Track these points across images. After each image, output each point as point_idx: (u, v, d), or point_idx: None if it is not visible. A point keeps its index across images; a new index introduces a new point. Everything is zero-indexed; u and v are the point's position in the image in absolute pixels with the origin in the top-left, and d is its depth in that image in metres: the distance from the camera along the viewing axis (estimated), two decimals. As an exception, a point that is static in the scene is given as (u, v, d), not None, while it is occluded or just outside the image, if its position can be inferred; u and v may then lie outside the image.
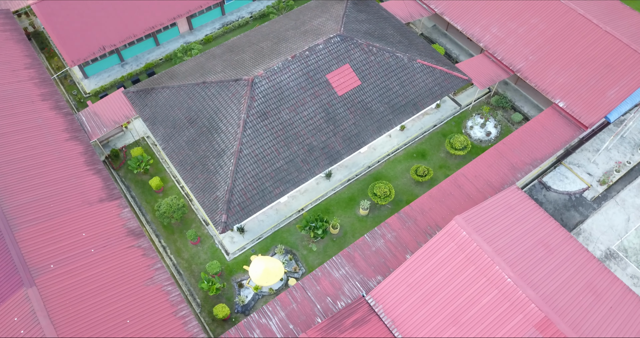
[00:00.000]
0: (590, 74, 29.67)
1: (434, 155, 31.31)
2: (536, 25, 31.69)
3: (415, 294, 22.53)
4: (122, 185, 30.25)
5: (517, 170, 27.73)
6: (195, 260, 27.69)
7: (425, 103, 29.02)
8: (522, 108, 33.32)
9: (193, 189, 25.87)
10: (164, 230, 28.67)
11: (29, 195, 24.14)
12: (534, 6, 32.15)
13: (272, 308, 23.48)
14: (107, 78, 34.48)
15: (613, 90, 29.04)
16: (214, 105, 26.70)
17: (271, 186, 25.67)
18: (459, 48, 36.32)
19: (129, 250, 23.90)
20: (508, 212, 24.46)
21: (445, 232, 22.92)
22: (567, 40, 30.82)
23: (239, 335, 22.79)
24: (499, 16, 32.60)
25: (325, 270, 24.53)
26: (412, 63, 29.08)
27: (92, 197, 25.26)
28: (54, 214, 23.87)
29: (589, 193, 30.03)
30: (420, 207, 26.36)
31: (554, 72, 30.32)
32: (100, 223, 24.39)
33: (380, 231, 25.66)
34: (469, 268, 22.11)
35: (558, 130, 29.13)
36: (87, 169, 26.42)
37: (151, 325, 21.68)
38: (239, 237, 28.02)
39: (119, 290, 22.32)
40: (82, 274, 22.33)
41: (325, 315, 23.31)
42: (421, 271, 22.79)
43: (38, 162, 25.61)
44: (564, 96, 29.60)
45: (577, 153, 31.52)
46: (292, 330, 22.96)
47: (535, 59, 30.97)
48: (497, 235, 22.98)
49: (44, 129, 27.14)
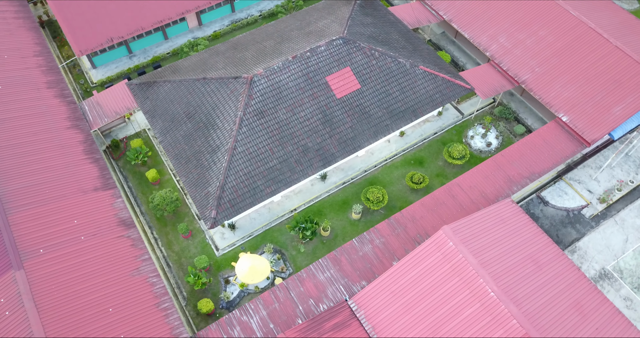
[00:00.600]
0: (597, 89, 29.08)
1: (431, 163, 31.05)
2: (544, 37, 31.19)
3: (397, 302, 22.38)
4: (120, 175, 30.70)
5: (514, 183, 27.33)
6: (185, 253, 27.94)
7: (424, 110, 28.80)
8: (525, 120, 32.82)
9: (186, 183, 26.12)
10: (157, 222, 29.00)
11: (26, 180, 24.67)
12: (544, 18, 31.64)
13: (254, 307, 23.56)
14: (115, 69, 35.03)
15: (619, 107, 28.40)
16: (213, 101, 26.91)
17: (263, 185, 25.76)
18: (467, 56, 35.95)
19: (118, 240, 24.24)
20: (499, 225, 24.13)
21: (432, 241, 22.71)
22: (575, 54, 30.26)
23: (219, 331, 22.92)
24: (508, 26, 32.18)
25: (310, 272, 24.52)
26: (414, 69, 28.88)
27: (87, 186, 25.69)
28: (48, 200, 24.35)
29: (587, 210, 29.44)
30: (412, 215, 26.17)
31: (560, 86, 29.80)
32: (93, 211, 24.79)
33: (369, 236, 25.55)
34: (453, 279, 21.87)
35: (559, 145, 28.62)
36: (85, 157, 26.88)
37: (133, 315, 21.95)
38: (229, 234, 28.19)
39: (105, 279, 22.66)
40: (70, 260, 22.73)
41: (306, 317, 23.30)
42: (405, 279, 22.62)
43: (37, 148, 26.15)
44: (568, 110, 29.07)
45: (578, 169, 30.92)
46: (272, 329, 23.01)
47: (542, 71, 30.48)
48: (484, 247, 22.68)
49: (47, 116, 27.70)
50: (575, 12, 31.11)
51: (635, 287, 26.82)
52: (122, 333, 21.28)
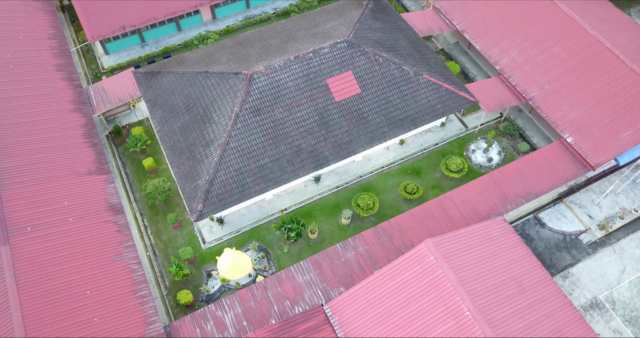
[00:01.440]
0: (607, 112, 28.07)
1: (429, 174, 30.53)
2: (558, 54, 30.28)
3: (372, 312, 22.06)
4: (119, 161, 31.22)
5: (509, 201, 26.62)
6: (172, 243, 28.21)
7: (424, 120, 28.32)
8: (531, 138, 31.93)
9: (177, 174, 26.37)
10: (149, 210, 29.37)
11: (23, 159, 25.31)
12: (559, 34, 30.72)
13: (230, 303, 23.60)
14: (126, 56, 35.66)
15: (628, 132, 27.34)
16: (211, 95, 27.09)
17: (252, 182, 25.79)
18: (478, 68, 35.23)
19: (105, 225, 24.65)
20: (485, 243, 23.53)
21: (413, 253, 22.29)
22: (588, 74, 29.28)
23: (192, 323, 23.05)
24: (521, 41, 31.37)
25: (290, 274, 24.42)
26: (417, 77, 28.44)
27: (81, 169, 26.21)
28: (42, 180, 24.93)
29: (585, 236, 28.45)
30: (399, 225, 25.78)
31: (568, 105, 28.88)
32: (84, 194, 25.27)
33: (353, 243, 25.29)
34: (430, 294, 21.42)
35: (561, 166, 27.73)
36: (84, 141, 27.42)
37: (109, 299, 22.27)
38: (217, 228, 28.33)
39: (87, 261, 23.06)
40: (55, 240, 23.21)
41: (280, 318, 23.22)
42: (382, 289, 22.27)
43: (38, 129, 26.81)
44: (574, 132, 28.15)
45: (581, 193, 29.92)
46: (245, 327, 23.01)
47: (551, 89, 29.60)
48: (466, 264, 22.13)
49: (52, 98, 28.38)
50: (593, 30, 30.10)
51: (627, 319, 25.78)
52: (96, 317, 21.60)
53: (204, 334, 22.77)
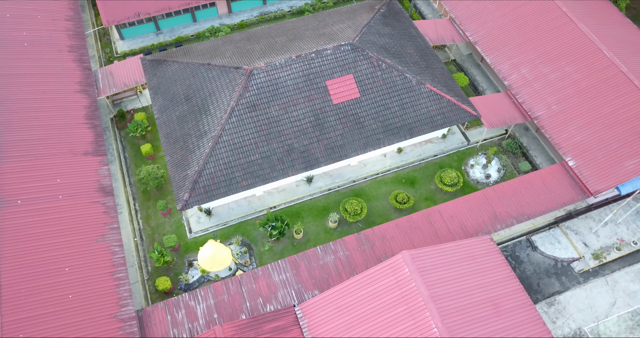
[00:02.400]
0: (614, 138, 26.99)
1: (423, 185, 30.03)
2: (570, 74, 29.29)
3: (341, 318, 21.85)
4: (120, 144, 31.88)
5: (499, 220, 25.92)
6: (159, 230, 28.63)
7: (422, 130, 27.86)
8: (534, 158, 31.01)
9: (169, 162, 26.73)
10: (142, 195, 29.89)
11: (24, 134, 26.12)
12: (574, 54, 29.70)
13: (204, 294, 23.78)
14: (140, 43, 36.38)
15: (634, 161, 26.21)
16: (210, 88, 27.34)
17: (240, 177, 25.91)
18: (489, 82, 34.44)
19: (93, 205, 25.20)
20: (467, 261, 22.97)
21: (388, 264, 21.96)
22: (599, 97, 28.22)
23: (165, 310, 23.33)
24: (534, 57, 30.48)
25: (266, 271, 24.43)
26: (419, 86, 28.00)
27: (78, 149, 26.87)
28: (38, 156, 25.68)
29: (578, 264, 27.45)
30: (383, 233, 25.46)
31: (575, 128, 27.90)
32: (77, 174, 25.90)
33: (334, 247, 25.11)
34: (400, 307, 21.06)
35: (559, 190, 26.83)
36: (85, 122, 28.11)
37: (86, 278, 22.76)
38: (205, 219, 28.59)
39: (70, 239, 23.63)
40: (43, 216, 23.87)
41: (251, 314, 23.26)
42: (354, 297, 22.03)
43: (43, 106, 27.62)
44: (577, 155, 27.18)
45: (579, 219, 28.88)
46: (215, 319, 23.15)
47: (559, 109, 28.66)
48: (442, 281, 21.66)
49: (60, 78, 29.20)
50: (610, 52, 28.99)
51: (611, 355, 24.79)
52: (71, 293, 22.11)
53: (175, 322, 23.02)
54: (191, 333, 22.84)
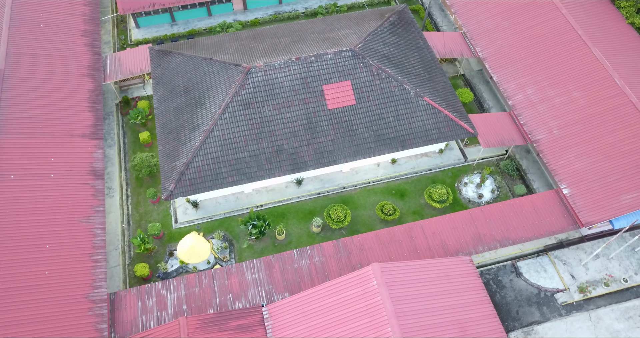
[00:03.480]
0: (613, 170, 26.00)
1: (413, 199, 29.63)
2: (576, 100, 28.38)
3: (305, 324, 21.80)
4: (121, 130, 32.65)
5: (482, 242, 25.35)
6: (147, 217, 29.18)
7: (415, 143, 27.50)
8: (532, 182, 30.17)
9: (161, 152, 27.22)
10: (135, 181, 30.53)
11: (26, 111, 27.06)
12: (583, 79, 28.76)
13: (177, 284, 24.12)
14: (154, 33, 37.17)
15: (631, 196, 25.20)
16: (209, 82, 27.70)
17: (226, 173, 26.15)
18: (496, 100, 33.69)
19: (82, 187, 25.90)
20: (440, 280, 22.57)
21: (358, 274, 21.78)
22: (604, 125, 27.24)
23: (136, 296, 23.76)
24: (541, 79, 29.66)
25: (240, 269, 24.60)
26: (417, 99, 27.64)
27: (77, 131, 27.67)
28: (37, 134, 26.56)
29: (562, 296, 26.56)
30: (362, 243, 25.26)
31: (574, 155, 27.02)
32: (72, 155, 26.67)
33: (310, 252, 25.07)
34: (363, 319, 20.86)
35: (549, 217, 26.04)
36: (87, 105, 28.91)
37: (65, 257, 23.41)
38: (192, 211, 28.99)
39: (55, 217, 24.34)
40: (32, 192, 24.67)
41: (219, 309, 23.46)
42: (320, 304, 21.94)
43: (49, 86, 28.55)
44: (573, 184, 26.32)
45: (570, 249, 27.93)
46: (184, 310, 23.45)
47: (560, 135, 27.81)
48: (410, 297, 21.34)
49: (69, 60, 30.13)
50: (621, 81, 27.95)
51: (583, 393, 23.89)
52: (48, 270, 22.78)
53: (144, 309, 23.43)
54: (158, 322, 23.20)
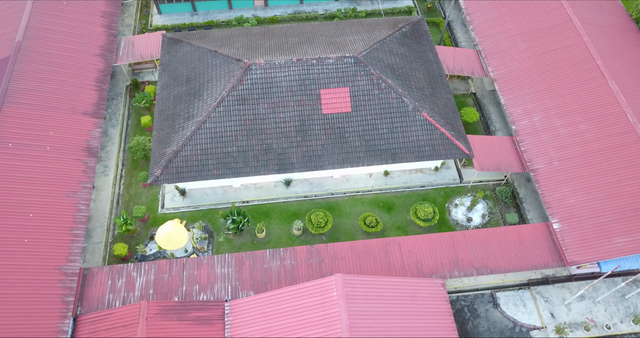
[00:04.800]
0: (610, 210, 24.72)
1: (399, 214, 29.08)
2: (583, 132, 27.13)
3: (262, 324, 21.77)
4: (127, 111, 33.48)
5: (458, 267, 24.60)
6: (136, 199, 29.82)
7: (406, 158, 26.95)
8: (527, 212, 29.06)
9: (154, 138, 27.74)
10: (131, 162, 31.24)
11: (34, 84, 28.10)
12: (594, 112, 27.46)
13: (148, 269, 24.53)
14: (174, 20, 37.92)
15: (624, 239, 23.89)
16: (210, 74, 28.01)
17: (212, 165, 26.39)
18: (503, 123, 32.62)
19: (75, 162, 26.70)
20: (405, 300, 22.06)
21: (320, 283, 21.54)
22: (607, 162, 25.94)
23: (107, 275, 24.29)
24: (550, 107, 28.51)
25: (211, 261, 24.78)
26: (415, 113, 27.08)
27: (79, 108, 28.54)
28: (40, 107, 27.54)
29: (538, 334, 25.48)
30: (335, 252, 24.99)
31: (571, 190, 25.85)
32: (70, 130, 27.53)
33: (282, 254, 24.99)
34: (317, 328, 20.63)
35: (533, 251, 25.01)
36: (93, 84, 29.78)
37: (46, 227, 24.15)
38: (179, 198, 29.42)
39: (43, 188, 25.17)
40: (26, 161, 25.57)
41: (183, 298, 23.71)
42: (280, 307, 21.85)
43: (60, 62, 29.55)
44: (564, 219, 25.18)
45: (555, 286, 26.76)
46: (150, 294, 23.82)
47: (560, 167, 26.65)
48: (369, 314, 20.95)
49: (84, 39, 31.11)
50: (634, 118, 26.54)
51: None
52: (27, 238, 23.60)
53: (113, 288, 23.95)
54: (124, 302, 23.66)
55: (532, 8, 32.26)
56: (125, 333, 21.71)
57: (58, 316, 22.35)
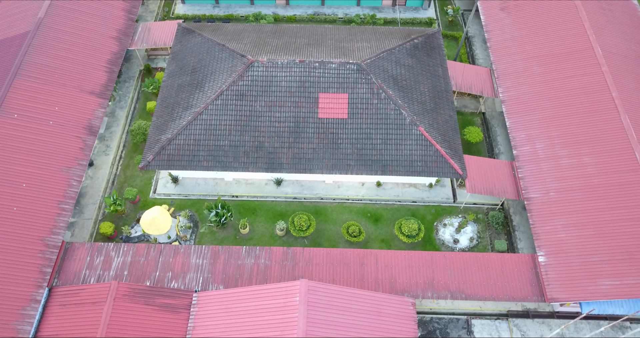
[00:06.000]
0: (600, 250, 23.57)
1: (385, 227, 28.62)
2: (585, 166, 25.96)
3: (224, 319, 21.89)
4: (137, 95, 34.28)
5: (433, 289, 24.00)
6: (131, 180, 30.51)
7: (396, 171, 26.50)
8: (518, 241, 28.07)
9: (153, 123, 28.29)
10: (132, 145, 31.97)
11: (47, 60, 29.12)
12: (600, 146, 26.23)
13: (126, 250, 25.04)
14: (196, 11, 38.57)
15: (610, 282, 22.73)
16: (214, 67, 28.32)
17: (203, 157, 26.69)
18: (509, 146, 31.56)
19: (74, 139, 27.53)
20: (369, 315, 21.71)
21: (285, 286, 21.46)
22: (606, 199, 24.73)
23: (87, 251, 24.93)
24: (555, 135, 27.43)
25: (187, 251, 25.08)
26: (411, 127, 26.58)
27: (87, 87, 29.41)
28: (50, 82, 28.53)
29: (508, 367, 24.61)
30: (311, 257, 24.84)
31: (563, 224, 24.79)
32: (75, 107, 28.40)
33: (258, 252, 25.04)
34: (274, 331, 20.57)
35: (514, 282, 24.13)
36: (104, 65, 30.63)
37: (35, 198, 24.98)
38: (171, 186, 29.91)
39: (40, 160, 26.04)
40: (27, 133, 26.52)
41: (154, 283, 24.09)
42: (244, 304, 21.91)
43: (76, 41, 30.52)
44: (551, 253, 24.19)
45: (535, 321, 25.74)
46: (124, 275, 24.31)
47: (555, 198, 25.61)
48: (328, 323, 20.71)
49: (103, 21, 32.03)
50: (642, 156, 25.21)
51: None
52: (17, 207, 24.49)
53: (90, 265, 24.57)
54: (98, 280, 24.24)
55: (553, 31, 31.13)
56: (92, 310, 22.25)
57: (34, 285, 23.09)
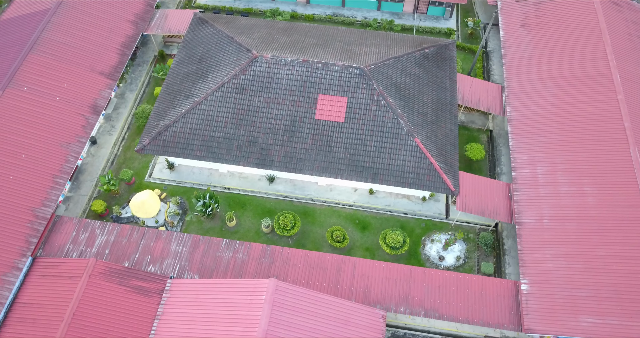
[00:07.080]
0: (587, 285, 22.52)
1: (372, 235, 28.20)
2: (585, 196, 24.85)
3: (191, 309, 22.05)
4: (148, 79, 34.93)
5: (406, 304, 23.46)
6: (129, 162, 31.11)
7: (387, 180, 26.03)
8: (507, 265, 27.16)
9: (154, 108, 28.74)
10: (135, 128, 32.60)
11: (64, 37, 30.00)
12: (604, 177, 25.04)
13: (110, 230, 25.53)
14: (217, 2, 38.96)
15: (591, 320, 21.68)
16: (219, 59, 28.52)
17: (196, 146, 26.92)
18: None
19: (78, 117, 28.28)
20: (335, 322, 21.44)
21: (254, 283, 21.42)
22: (602, 233, 23.61)
23: (74, 226, 25.54)
24: (558, 161, 26.37)
25: (169, 237, 25.36)
26: (408, 138, 26.06)
27: (98, 67, 30.14)
28: (63, 59, 29.38)
29: (476, 394, 23.84)
30: (288, 257, 24.72)
31: (552, 254, 23.82)
32: (83, 86, 29.16)
33: (238, 246, 25.08)
34: (237, 326, 20.57)
35: (492, 307, 23.34)
36: (117, 47, 31.32)
37: (32, 169, 25.78)
38: (166, 171, 30.34)
39: (41, 133, 26.86)
40: (33, 107, 27.36)
41: (132, 265, 24.47)
42: (212, 296, 22.01)
43: (94, 22, 31.33)
44: (535, 282, 23.27)
45: (511, 350, 24.86)
46: (105, 254, 24.80)
47: (549, 226, 24.62)
48: (291, 325, 20.54)
49: (123, 4, 32.76)
50: (647, 192, 23.93)
51: None
52: (13, 176, 25.33)
53: (75, 240, 25.18)
54: (80, 255, 24.82)
55: (573, 53, 29.93)
56: (68, 283, 22.78)
57: (18, 253, 23.83)
